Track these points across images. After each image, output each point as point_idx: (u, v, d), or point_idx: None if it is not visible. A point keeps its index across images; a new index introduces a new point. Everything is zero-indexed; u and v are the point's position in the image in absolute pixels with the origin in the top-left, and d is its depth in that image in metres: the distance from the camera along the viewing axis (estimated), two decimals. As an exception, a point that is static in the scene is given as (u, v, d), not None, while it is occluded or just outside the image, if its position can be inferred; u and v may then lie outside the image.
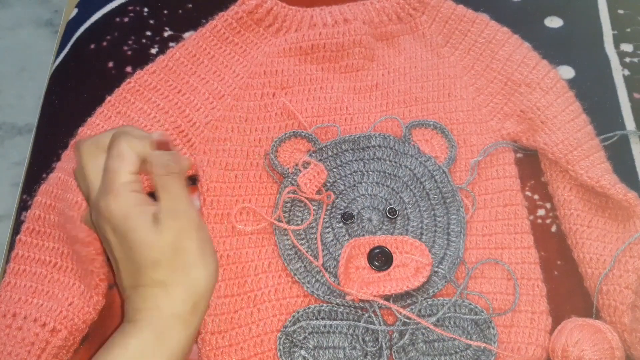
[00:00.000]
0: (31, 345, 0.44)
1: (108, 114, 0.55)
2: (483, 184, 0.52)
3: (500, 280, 0.48)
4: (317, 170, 0.50)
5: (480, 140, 0.54)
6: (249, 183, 0.52)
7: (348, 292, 0.45)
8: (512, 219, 0.50)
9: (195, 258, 0.39)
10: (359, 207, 0.50)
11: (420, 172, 0.51)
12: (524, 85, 0.55)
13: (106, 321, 0.48)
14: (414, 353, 0.44)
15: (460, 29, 0.60)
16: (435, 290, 0.46)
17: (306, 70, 0.58)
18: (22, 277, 0.47)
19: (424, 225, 0.50)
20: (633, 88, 0.57)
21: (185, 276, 0.38)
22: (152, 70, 0.58)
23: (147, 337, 0.37)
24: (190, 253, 0.39)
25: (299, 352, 0.44)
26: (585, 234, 0.49)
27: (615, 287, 0.46)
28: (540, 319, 0.46)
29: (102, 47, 0.62)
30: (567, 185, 0.51)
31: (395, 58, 0.60)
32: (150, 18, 0.64)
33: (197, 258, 0.39)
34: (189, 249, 0.39)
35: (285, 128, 0.55)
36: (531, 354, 0.45)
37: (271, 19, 0.61)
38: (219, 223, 0.50)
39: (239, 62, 0.59)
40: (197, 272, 0.39)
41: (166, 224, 0.38)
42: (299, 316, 0.46)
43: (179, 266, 0.38)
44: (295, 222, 0.50)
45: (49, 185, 0.51)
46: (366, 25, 0.59)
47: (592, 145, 0.52)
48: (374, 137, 0.53)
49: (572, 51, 0.60)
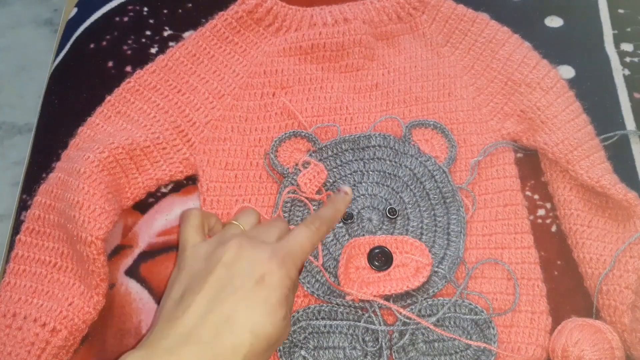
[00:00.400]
0: (31, 346, 0.44)
1: (108, 114, 0.55)
2: (483, 183, 0.52)
3: (500, 280, 0.48)
4: (317, 170, 0.50)
5: (480, 140, 0.54)
6: (249, 183, 0.52)
7: (348, 292, 0.45)
8: (512, 219, 0.50)
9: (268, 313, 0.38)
10: (359, 207, 0.50)
11: (420, 172, 0.51)
12: (524, 85, 0.55)
13: (106, 321, 0.48)
14: (414, 353, 0.44)
15: (461, 29, 0.60)
16: (435, 290, 0.46)
17: (306, 70, 0.58)
18: (22, 277, 0.47)
19: (424, 225, 0.50)
20: (633, 88, 0.57)
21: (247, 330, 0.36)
22: (152, 69, 0.58)
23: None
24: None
25: (299, 352, 0.44)
26: (585, 234, 0.49)
27: (615, 287, 0.46)
28: (540, 319, 0.46)
29: (102, 47, 0.62)
30: (567, 185, 0.51)
31: (395, 58, 0.60)
32: (150, 18, 0.64)
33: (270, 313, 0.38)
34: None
35: (285, 128, 0.55)
36: (531, 354, 0.45)
37: (271, 18, 0.61)
38: (219, 223, 0.51)
39: (238, 61, 0.59)
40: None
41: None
42: (299, 316, 0.46)
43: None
44: (295, 222, 0.50)
45: (48, 185, 0.51)
46: (366, 25, 0.59)
47: (592, 145, 0.52)
48: (374, 136, 0.53)
49: (572, 51, 0.60)
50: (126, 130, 0.53)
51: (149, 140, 0.52)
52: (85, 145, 0.52)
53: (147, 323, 0.48)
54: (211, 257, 0.40)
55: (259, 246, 0.40)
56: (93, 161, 0.49)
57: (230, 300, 0.37)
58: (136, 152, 0.52)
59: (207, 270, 0.39)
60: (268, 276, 0.38)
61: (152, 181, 0.53)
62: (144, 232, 0.52)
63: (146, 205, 0.53)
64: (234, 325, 0.36)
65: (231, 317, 0.36)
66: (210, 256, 0.40)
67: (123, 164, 0.51)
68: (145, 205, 0.53)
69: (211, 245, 0.41)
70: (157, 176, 0.53)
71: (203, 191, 0.52)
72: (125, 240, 0.51)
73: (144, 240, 0.51)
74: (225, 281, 0.38)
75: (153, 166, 0.53)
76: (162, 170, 0.53)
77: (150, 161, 0.53)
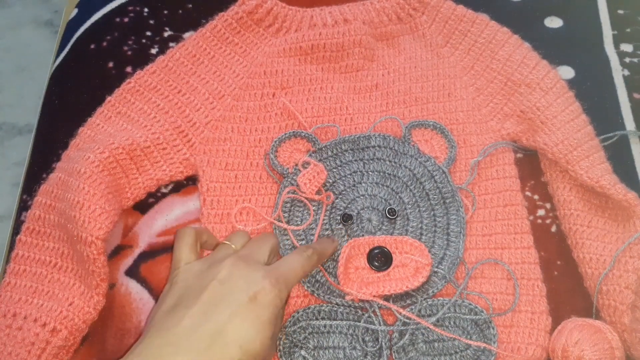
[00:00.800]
0: (31, 346, 0.44)
1: (108, 114, 0.55)
2: (483, 184, 0.52)
3: (500, 280, 0.48)
4: (316, 171, 0.50)
5: (480, 141, 0.54)
6: (249, 183, 0.53)
7: (348, 292, 0.45)
8: (512, 219, 0.50)
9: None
10: (358, 208, 0.50)
11: (420, 173, 0.51)
12: (524, 86, 0.55)
13: (106, 321, 0.48)
14: (414, 353, 0.44)
15: (460, 29, 0.60)
16: (435, 290, 0.46)
17: (306, 71, 0.58)
18: (22, 277, 0.48)
19: (423, 225, 0.50)
20: (633, 88, 0.57)
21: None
22: (152, 70, 0.58)
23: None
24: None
25: (299, 352, 0.44)
26: (585, 234, 0.49)
27: (615, 287, 0.46)
28: (540, 319, 0.46)
29: (102, 47, 0.62)
30: (567, 185, 0.51)
31: (395, 58, 0.60)
32: (150, 18, 0.64)
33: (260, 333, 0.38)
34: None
35: (285, 128, 0.55)
36: (531, 354, 0.45)
37: (271, 19, 0.61)
38: (219, 223, 0.51)
39: (239, 62, 0.59)
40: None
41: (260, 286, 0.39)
42: (299, 316, 0.46)
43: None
44: (295, 222, 0.50)
45: (49, 185, 0.51)
46: (366, 26, 0.59)
47: (592, 145, 0.52)
48: (374, 137, 0.53)
49: (572, 51, 0.60)
50: (126, 131, 0.53)
51: (149, 141, 0.52)
52: (86, 146, 0.52)
53: (147, 323, 0.48)
54: (205, 274, 0.40)
55: (253, 265, 0.41)
56: (93, 161, 0.49)
57: (223, 314, 0.37)
58: (136, 153, 0.52)
59: (200, 286, 0.39)
60: (261, 295, 0.39)
61: (152, 181, 0.53)
62: (144, 232, 0.52)
63: (146, 206, 0.53)
64: (225, 339, 0.36)
65: (223, 330, 0.37)
66: (204, 274, 0.41)
67: (123, 164, 0.51)
68: (145, 206, 0.53)
69: (204, 264, 0.42)
70: (157, 176, 0.53)
71: (203, 191, 0.52)
72: (126, 240, 0.51)
73: (144, 241, 0.51)
74: (219, 296, 0.38)
75: (153, 166, 0.53)
76: (163, 170, 0.53)
77: (151, 161, 0.53)
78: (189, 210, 0.53)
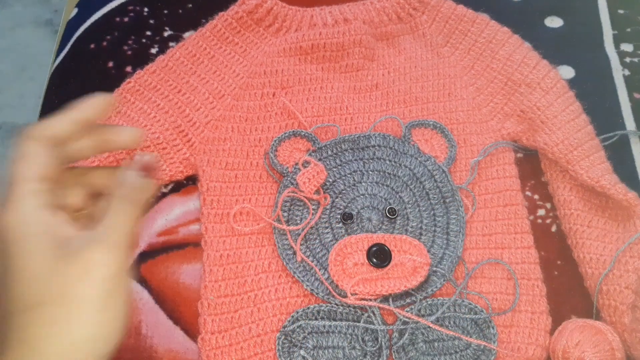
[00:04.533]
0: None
1: (108, 114, 0.55)
2: (483, 183, 0.52)
3: (500, 280, 0.48)
4: (316, 170, 0.50)
5: (480, 140, 0.54)
6: (249, 183, 0.52)
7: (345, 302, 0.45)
8: (512, 219, 0.50)
9: (89, 313, 0.28)
10: (358, 207, 0.50)
11: (420, 172, 0.51)
12: (524, 85, 0.55)
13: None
14: (414, 353, 0.44)
15: (461, 29, 0.60)
16: (434, 289, 0.46)
17: (306, 70, 0.58)
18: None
19: (423, 225, 0.50)
20: (633, 88, 0.57)
21: (60, 336, 0.27)
22: (152, 70, 0.58)
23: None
24: (88, 304, 0.28)
25: (299, 352, 0.44)
26: (585, 234, 0.49)
27: (615, 287, 0.46)
28: (540, 319, 0.46)
29: (102, 47, 0.62)
30: (567, 185, 0.51)
31: (396, 58, 0.60)
32: (150, 18, 0.64)
33: (92, 314, 0.28)
34: (88, 299, 0.28)
35: (285, 128, 0.55)
36: (531, 354, 0.45)
37: (271, 18, 0.61)
38: (219, 223, 0.51)
39: (239, 61, 0.59)
40: (81, 332, 0.28)
41: (83, 256, 0.29)
42: (298, 316, 0.46)
43: (59, 318, 0.28)
44: (295, 221, 0.50)
45: (48, 185, 0.51)
46: (366, 25, 0.59)
47: (592, 145, 0.52)
48: (374, 136, 0.53)
49: (572, 51, 0.60)
50: (126, 130, 0.53)
51: (149, 141, 0.52)
52: (86, 145, 0.52)
53: (147, 323, 0.48)
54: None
55: None
56: (93, 161, 0.49)
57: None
58: (136, 152, 0.52)
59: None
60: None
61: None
62: (144, 232, 0.52)
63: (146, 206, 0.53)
64: None
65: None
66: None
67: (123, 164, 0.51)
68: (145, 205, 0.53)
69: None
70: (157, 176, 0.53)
71: (203, 191, 0.52)
72: (125, 240, 0.51)
73: (144, 241, 0.51)
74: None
75: (153, 166, 0.53)
76: (162, 170, 0.53)
77: (150, 161, 0.53)
78: (189, 210, 0.53)
